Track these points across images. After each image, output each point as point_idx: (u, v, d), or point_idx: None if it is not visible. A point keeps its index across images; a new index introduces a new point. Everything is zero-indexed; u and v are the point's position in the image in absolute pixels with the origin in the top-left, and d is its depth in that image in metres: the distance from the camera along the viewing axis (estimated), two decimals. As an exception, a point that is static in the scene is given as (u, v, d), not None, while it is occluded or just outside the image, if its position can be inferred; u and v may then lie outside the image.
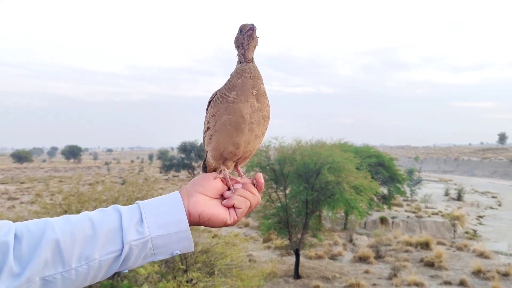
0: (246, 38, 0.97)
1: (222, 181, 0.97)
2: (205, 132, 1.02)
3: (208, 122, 1.00)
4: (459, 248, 14.90)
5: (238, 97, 0.93)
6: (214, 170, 1.14)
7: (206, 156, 1.11)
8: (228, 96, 0.94)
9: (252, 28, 0.96)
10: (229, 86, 0.95)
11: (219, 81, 1.02)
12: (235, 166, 1.07)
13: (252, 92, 0.94)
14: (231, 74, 0.97)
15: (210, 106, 0.99)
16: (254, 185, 0.99)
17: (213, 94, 0.99)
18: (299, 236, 11.43)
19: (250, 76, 0.95)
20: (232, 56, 1.01)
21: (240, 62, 0.98)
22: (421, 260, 13.18)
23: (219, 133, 0.96)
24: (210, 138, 0.99)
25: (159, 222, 0.85)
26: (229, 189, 0.97)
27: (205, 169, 1.16)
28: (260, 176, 0.99)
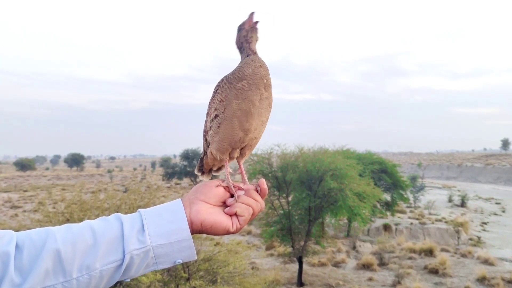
0: (250, 31, 1.00)
1: (224, 188, 0.95)
2: (212, 121, 0.99)
3: (216, 109, 0.97)
4: (463, 255, 14.81)
5: (248, 85, 0.94)
6: (211, 169, 1.12)
7: (205, 154, 1.08)
8: (237, 84, 0.94)
9: (255, 22, 1.00)
10: (239, 75, 0.95)
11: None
12: (239, 163, 1.05)
13: (263, 81, 0.95)
14: (238, 65, 0.97)
15: (217, 92, 0.98)
16: (257, 191, 0.96)
17: (220, 81, 0.98)
18: (302, 243, 11.38)
19: (261, 66, 0.96)
20: (229, 63, 1.03)
21: (247, 55, 0.98)
22: (425, 267, 13.11)
23: (229, 120, 0.95)
24: (218, 127, 0.97)
25: (161, 230, 0.84)
26: (231, 196, 0.95)
27: (201, 168, 1.13)
28: (263, 182, 0.97)
